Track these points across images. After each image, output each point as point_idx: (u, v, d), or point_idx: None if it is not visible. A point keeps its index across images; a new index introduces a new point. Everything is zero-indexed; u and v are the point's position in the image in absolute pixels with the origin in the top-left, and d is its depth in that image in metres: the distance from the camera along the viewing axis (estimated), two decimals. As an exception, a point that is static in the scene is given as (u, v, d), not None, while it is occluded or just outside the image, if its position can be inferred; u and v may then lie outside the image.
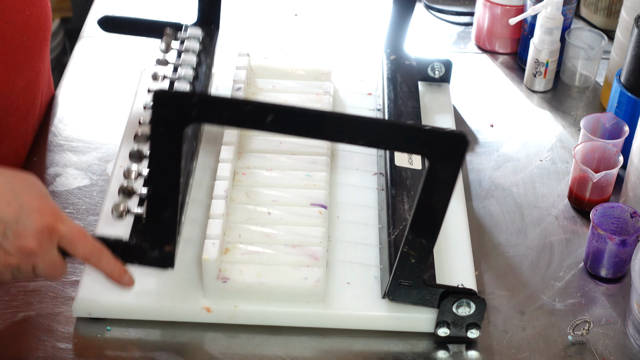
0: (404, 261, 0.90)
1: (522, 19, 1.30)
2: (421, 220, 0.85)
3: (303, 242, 1.00)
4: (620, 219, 1.04)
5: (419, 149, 0.83)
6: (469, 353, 0.96)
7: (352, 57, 1.34)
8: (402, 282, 0.92)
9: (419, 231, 0.86)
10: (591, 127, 1.15)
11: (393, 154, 1.08)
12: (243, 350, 0.95)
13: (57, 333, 0.96)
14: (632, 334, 0.98)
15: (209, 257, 0.94)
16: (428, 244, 0.87)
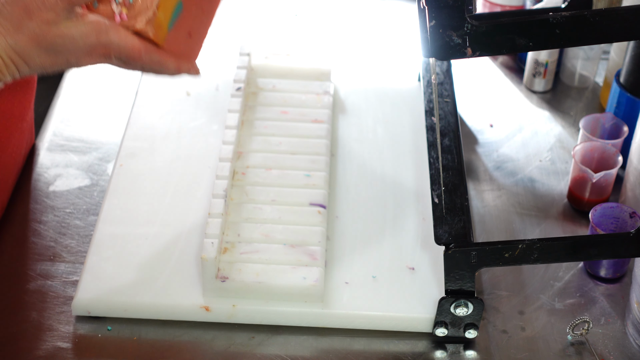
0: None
1: (522, 19, 1.30)
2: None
3: (302, 242, 1.00)
4: (619, 219, 1.04)
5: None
6: (467, 353, 0.96)
7: (352, 57, 1.34)
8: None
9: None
10: (590, 127, 1.15)
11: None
12: (242, 349, 0.95)
13: (57, 332, 0.96)
14: (631, 333, 0.98)
15: (208, 256, 0.94)
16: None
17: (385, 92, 1.26)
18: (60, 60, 0.83)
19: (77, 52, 0.83)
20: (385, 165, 1.14)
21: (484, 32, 0.80)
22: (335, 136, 1.18)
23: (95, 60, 0.84)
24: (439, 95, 1.11)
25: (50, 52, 0.82)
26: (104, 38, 0.83)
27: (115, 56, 0.84)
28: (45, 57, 0.82)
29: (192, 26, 0.87)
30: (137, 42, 0.84)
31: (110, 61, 0.85)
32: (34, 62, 0.82)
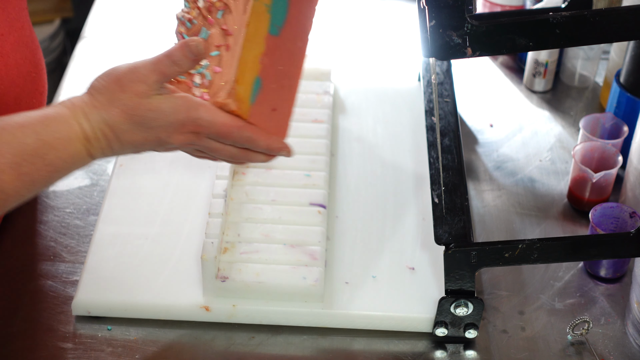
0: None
1: (522, 19, 1.30)
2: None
3: (302, 242, 1.00)
4: (619, 219, 1.04)
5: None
6: (467, 353, 0.96)
7: (352, 57, 1.34)
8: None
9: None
10: (590, 127, 1.15)
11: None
12: (242, 349, 0.95)
13: (57, 332, 0.96)
14: (631, 333, 0.98)
15: (208, 256, 0.94)
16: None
17: (385, 92, 1.26)
18: (151, 137, 0.83)
19: (168, 127, 0.83)
20: (385, 165, 1.14)
21: (484, 32, 0.80)
22: (335, 136, 1.18)
23: (185, 138, 0.84)
24: (439, 95, 1.11)
25: (142, 127, 0.82)
26: (194, 113, 0.82)
27: (206, 134, 0.84)
28: (137, 133, 0.82)
29: (276, 101, 0.86)
30: (228, 118, 0.84)
31: (200, 141, 0.84)
32: (125, 137, 0.82)
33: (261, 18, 0.83)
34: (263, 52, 0.83)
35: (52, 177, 0.80)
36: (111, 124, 0.81)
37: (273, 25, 0.84)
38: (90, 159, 0.82)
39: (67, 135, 0.79)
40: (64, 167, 0.80)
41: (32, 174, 0.78)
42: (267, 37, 0.83)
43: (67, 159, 0.80)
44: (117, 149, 0.83)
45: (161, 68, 0.82)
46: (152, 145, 0.84)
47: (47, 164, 0.79)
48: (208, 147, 0.85)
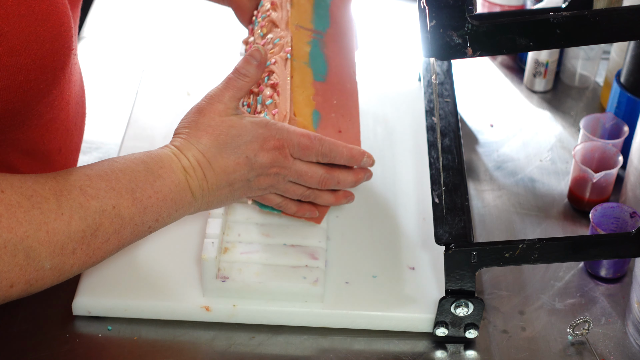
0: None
1: (522, 19, 1.30)
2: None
3: (302, 242, 1.00)
4: (619, 219, 1.04)
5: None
6: (468, 353, 0.96)
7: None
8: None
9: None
10: (591, 127, 1.15)
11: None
12: (242, 349, 0.95)
13: (57, 332, 0.96)
14: (631, 333, 0.98)
15: (208, 256, 0.94)
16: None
17: (385, 92, 1.26)
18: (240, 159, 0.87)
19: (253, 143, 0.88)
20: (385, 165, 1.14)
21: (484, 32, 0.80)
22: (335, 136, 1.17)
23: (271, 155, 0.89)
24: (439, 95, 1.11)
25: (229, 147, 0.87)
26: (273, 126, 0.89)
27: (289, 148, 0.90)
28: (226, 155, 0.87)
29: (340, 125, 0.94)
30: (305, 130, 0.90)
31: (286, 160, 0.90)
32: (217, 163, 0.87)
33: (304, 71, 0.96)
34: (314, 94, 0.95)
35: (161, 207, 0.84)
36: (201, 148, 0.87)
37: (317, 74, 0.97)
38: (191, 196, 0.86)
39: (169, 165, 0.85)
40: (169, 197, 0.84)
41: (144, 201, 0.83)
42: (314, 82, 0.96)
43: (172, 187, 0.85)
44: (211, 179, 0.87)
45: (231, 83, 0.89)
46: (242, 169, 0.88)
47: (156, 190, 0.83)
48: (296, 170, 0.91)
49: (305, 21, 1.01)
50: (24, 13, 0.80)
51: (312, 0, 1.05)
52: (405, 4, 1.47)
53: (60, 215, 0.77)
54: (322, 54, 0.98)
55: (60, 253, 0.78)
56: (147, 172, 0.84)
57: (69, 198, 0.79)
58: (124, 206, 0.81)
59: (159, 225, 0.85)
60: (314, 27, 1.01)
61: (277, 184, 0.92)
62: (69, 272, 0.80)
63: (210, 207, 0.90)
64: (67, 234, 0.78)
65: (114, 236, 0.81)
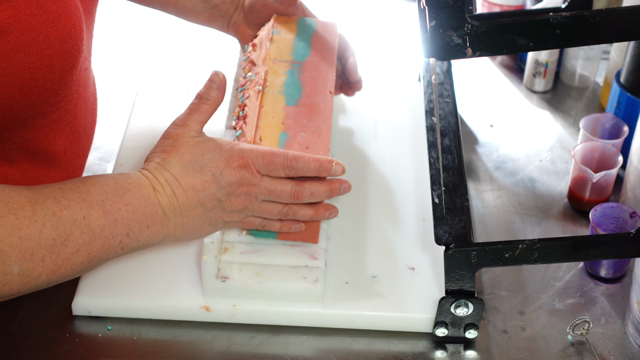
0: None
1: (522, 19, 1.30)
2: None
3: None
4: (619, 219, 1.04)
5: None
6: (468, 353, 0.96)
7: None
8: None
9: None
10: (591, 127, 1.15)
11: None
12: (243, 349, 0.95)
13: (57, 332, 0.96)
14: (631, 333, 0.98)
15: (208, 256, 0.94)
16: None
17: (385, 92, 1.26)
18: (207, 176, 0.89)
19: (217, 161, 0.89)
20: (385, 165, 1.14)
21: (484, 32, 0.80)
22: (335, 136, 1.18)
23: (238, 173, 0.90)
24: (439, 95, 1.11)
25: (194, 166, 0.88)
26: (236, 146, 0.91)
27: (255, 165, 0.90)
28: (192, 173, 0.88)
29: (308, 142, 0.97)
30: (267, 147, 0.92)
31: (253, 176, 0.91)
32: (184, 181, 0.88)
33: (277, 98, 1.01)
34: (284, 117, 0.98)
35: (131, 220, 0.85)
36: (169, 168, 0.88)
37: (290, 100, 1.01)
38: (162, 212, 0.87)
39: (138, 182, 0.87)
40: (139, 211, 0.85)
41: (114, 213, 0.84)
42: (285, 107, 1.00)
43: (142, 201, 0.86)
44: (181, 197, 0.88)
45: (195, 108, 0.91)
46: (209, 186, 0.89)
47: (125, 203, 0.85)
48: (265, 187, 0.91)
49: (284, 54, 1.06)
50: (34, 12, 0.80)
51: (293, 35, 1.10)
52: (405, 4, 1.47)
53: (34, 222, 0.79)
54: (297, 80, 1.03)
55: (29, 259, 0.79)
56: (117, 186, 0.85)
57: (43, 206, 0.80)
58: (94, 217, 0.82)
59: (130, 242, 0.85)
60: (292, 59, 1.06)
61: (251, 204, 0.92)
62: (37, 280, 0.80)
63: (186, 231, 0.90)
64: (38, 240, 0.79)
65: (84, 248, 0.82)
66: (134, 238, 0.86)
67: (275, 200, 0.93)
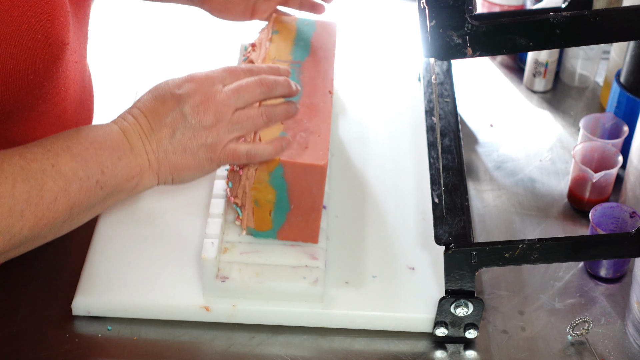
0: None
1: (522, 19, 1.30)
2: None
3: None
4: (619, 219, 1.04)
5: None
6: (467, 353, 0.96)
7: (352, 57, 1.34)
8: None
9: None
10: (590, 127, 1.15)
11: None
12: (242, 349, 0.95)
13: (57, 332, 0.96)
14: (631, 333, 0.98)
15: (208, 256, 0.94)
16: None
17: (385, 92, 1.26)
18: (166, 96, 0.89)
19: (177, 81, 0.90)
20: (385, 165, 1.14)
21: (484, 32, 0.80)
22: (335, 136, 1.18)
23: (196, 82, 0.89)
24: (439, 95, 1.11)
25: (156, 93, 0.89)
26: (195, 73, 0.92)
27: (215, 76, 0.91)
28: (153, 100, 0.89)
29: (308, 141, 0.96)
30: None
31: (212, 84, 0.90)
32: (145, 107, 0.89)
33: (276, 99, 0.97)
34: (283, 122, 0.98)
35: (101, 156, 0.84)
36: (134, 104, 0.89)
37: (289, 100, 0.98)
38: (128, 143, 0.86)
39: (101, 124, 0.88)
40: (106, 145, 0.85)
41: (82, 153, 0.84)
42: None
43: (106, 135, 0.86)
44: (144, 124, 0.88)
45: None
46: (171, 104, 0.88)
47: (90, 142, 0.84)
48: (229, 89, 0.90)
49: (283, 54, 1.06)
50: (16, 2, 0.80)
51: (293, 35, 1.10)
52: (405, 4, 1.47)
53: (4, 179, 0.79)
54: (297, 80, 1.03)
55: (8, 216, 0.79)
56: (79, 131, 0.86)
57: (10, 163, 0.80)
58: (63, 163, 0.83)
59: (108, 179, 0.85)
60: (292, 59, 1.06)
61: (222, 115, 0.89)
62: (20, 235, 0.80)
63: (163, 163, 0.89)
64: (12, 196, 0.79)
65: (62, 194, 0.82)
66: (110, 174, 0.85)
67: (246, 100, 0.91)
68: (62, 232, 0.85)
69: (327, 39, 1.11)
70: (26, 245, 0.82)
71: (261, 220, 0.98)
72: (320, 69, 1.05)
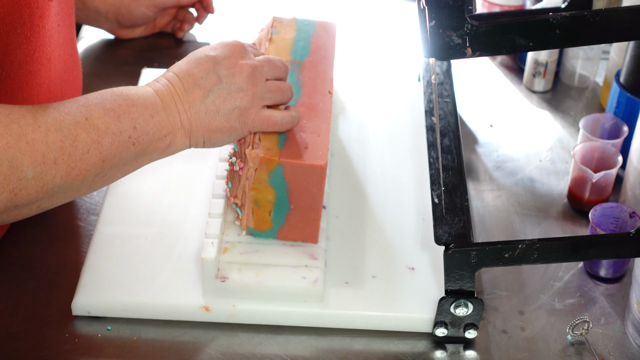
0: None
1: (521, 19, 1.30)
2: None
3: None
4: (619, 219, 1.04)
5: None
6: (467, 353, 0.96)
7: (352, 57, 1.34)
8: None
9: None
10: (590, 127, 1.16)
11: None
12: (242, 349, 0.95)
13: (57, 332, 0.96)
14: (631, 333, 0.98)
15: (208, 256, 0.94)
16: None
17: (385, 92, 1.26)
18: (202, 58, 0.90)
19: (213, 45, 0.92)
20: (385, 165, 1.14)
21: (484, 32, 0.80)
22: (335, 136, 1.18)
23: (232, 46, 0.92)
24: (439, 95, 1.11)
25: (191, 57, 0.91)
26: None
27: (249, 47, 0.94)
28: (187, 61, 0.91)
29: (308, 141, 0.97)
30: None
31: (245, 52, 0.92)
32: (179, 70, 0.91)
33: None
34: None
35: (134, 113, 0.86)
36: (170, 68, 0.91)
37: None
38: (160, 101, 0.88)
39: (134, 86, 0.90)
40: (139, 103, 0.87)
41: (115, 110, 0.86)
42: (285, 107, 0.99)
43: (139, 94, 0.88)
44: (177, 85, 0.90)
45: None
46: (207, 66, 0.90)
47: (124, 99, 0.87)
48: (263, 60, 0.93)
49: (283, 54, 1.07)
50: None
51: (293, 35, 1.11)
52: (405, 4, 1.47)
53: (37, 127, 0.81)
54: (297, 80, 1.03)
55: (42, 162, 0.80)
56: (112, 90, 0.88)
57: (44, 114, 0.82)
58: (96, 117, 0.84)
59: (140, 135, 0.87)
60: (292, 59, 1.07)
61: (256, 80, 0.91)
62: (52, 182, 0.82)
63: (194, 122, 0.90)
64: (46, 143, 0.81)
65: (94, 147, 0.84)
66: (142, 130, 0.87)
67: (275, 73, 0.94)
68: (94, 188, 0.87)
69: (326, 39, 1.11)
70: (59, 196, 0.84)
71: (261, 220, 0.98)
72: (320, 69, 1.05)
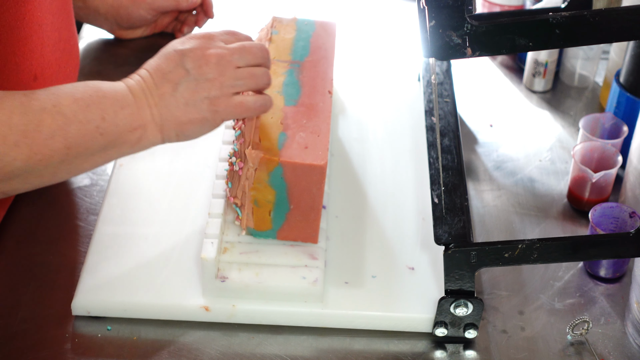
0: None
1: (521, 19, 1.30)
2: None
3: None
4: (619, 219, 1.04)
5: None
6: (467, 353, 0.96)
7: (352, 57, 1.34)
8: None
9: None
10: (590, 127, 1.16)
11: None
12: (242, 349, 0.95)
13: (57, 332, 0.96)
14: (631, 333, 0.98)
15: (208, 256, 0.94)
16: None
17: (385, 92, 1.26)
18: (170, 54, 0.90)
19: (181, 39, 0.92)
20: (385, 165, 1.14)
21: (483, 32, 0.80)
22: (335, 136, 1.18)
23: (199, 39, 0.91)
24: (438, 95, 1.11)
25: (160, 53, 0.91)
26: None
27: (218, 36, 0.93)
28: (157, 59, 0.91)
29: (308, 142, 0.97)
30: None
31: (211, 39, 0.92)
32: (151, 66, 0.90)
33: (276, 98, 1.00)
34: (283, 117, 0.99)
35: (103, 104, 0.86)
36: (142, 65, 0.91)
37: (288, 100, 1.01)
38: (131, 95, 0.88)
39: (105, 81, 0.90)
40: (110, 95, 0.87)
41: (85, 99, 0.85)
42: (284, 107, 1.00)
43: (111, 87, 0.88)
44: (148, 80, 0.89)
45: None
46: (175, 61, 0.89)
47: (95, 90, 0.87)
48: (235, 48, 0.91)
49: (283, 54, 1.07)
50: None
51: (292, 35, 1.11)
52: (405, 4, 1.47)
53: (1, 109, 0.81)
54: (296, 80, 1.04)
55: (2, 143, 0.81)
56: (85, 83, 0.88)
57: (11, 98, 0.83)
58: (64, 105, 0.84)
59: (108, 127, 0.86)
60: (291, 59, 1.07)
61: (225, 69, 0.90)
62: (12, 165, 0.82)
63: (165, 116, 0.89)
64: (8, 125, 0.81)
65: (59, 133, 0.83)
66: (111, 122, 0.86)
67: (247, 60, 0.92)
68: (60, 176, 0.87)
69: (326, 39, 1.11)
70: (19, 179, 0.84)
71: (261, 220, 0.98)
72: (320, 69, 1.05)
